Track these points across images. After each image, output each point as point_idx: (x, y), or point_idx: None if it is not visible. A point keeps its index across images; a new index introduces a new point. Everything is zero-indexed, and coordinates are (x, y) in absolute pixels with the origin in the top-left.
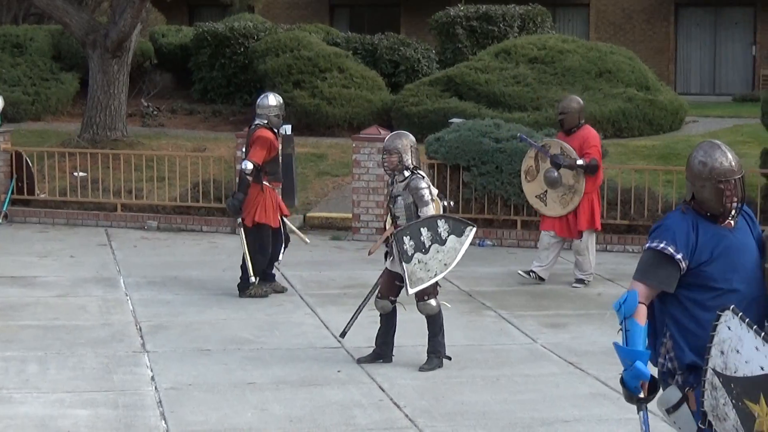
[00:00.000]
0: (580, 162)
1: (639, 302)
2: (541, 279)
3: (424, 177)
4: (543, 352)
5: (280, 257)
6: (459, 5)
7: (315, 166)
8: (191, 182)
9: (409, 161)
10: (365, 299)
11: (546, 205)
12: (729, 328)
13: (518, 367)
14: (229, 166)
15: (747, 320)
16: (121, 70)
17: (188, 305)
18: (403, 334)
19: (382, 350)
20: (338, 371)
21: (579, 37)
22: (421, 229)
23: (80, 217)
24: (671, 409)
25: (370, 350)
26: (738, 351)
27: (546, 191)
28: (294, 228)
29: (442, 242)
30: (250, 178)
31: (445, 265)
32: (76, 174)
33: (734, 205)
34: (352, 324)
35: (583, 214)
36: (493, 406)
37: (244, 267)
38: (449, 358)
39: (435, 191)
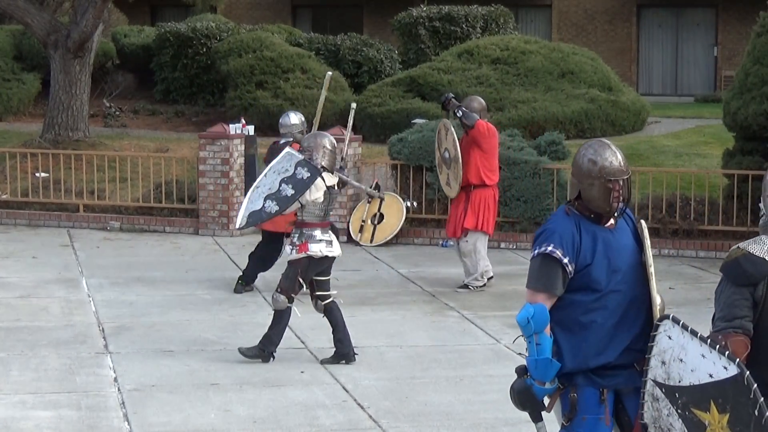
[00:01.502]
0: (460, 114)
1: None
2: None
3: (323, 179)
4: (506, 352)
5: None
6: (421, 6)
7: None
8: (154, 183)
9: (318, 160)
10: None
11: (452, 188)
12: (669, 338)
13: (482, 368)
14: (192, 167)
15: (690, 328)
16: (83, 71)
17: (151, 306)
18: (367, 335)
19: (339, 348)
20: (301, 372)
21: (541, 38)
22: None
23: (42, 218)
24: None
25: (334, 351)
26: (682, 360)
27: (448, 175)
28: None
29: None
30: None
31: (257, 187)
32: (37, 174)
33: (620, 205)
34: None
35: (471, 212)
36: (456, 407)
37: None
38: (273, 357)
39: (315, 196)
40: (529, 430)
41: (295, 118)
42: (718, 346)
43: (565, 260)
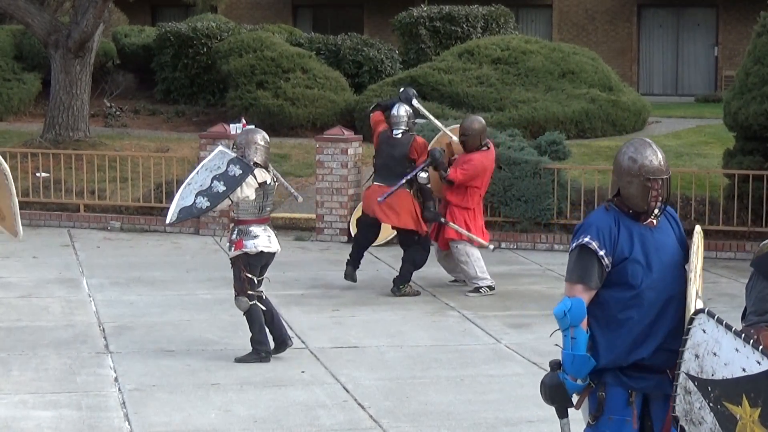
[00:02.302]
0: (445, 174)
1: None
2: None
3: (255, 176)
4: (507, 352)
5: None
6: (422, 6)
7: (278, 166)
8: (154, 183)
9: (251, 157)
10: None
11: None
12: (704, 331)
13: (482, 368)
14: (192, 167)
15: (724, 322)
16: (84, 71)
17: (152, 306)
18: (367, 335)
19: (279, 340)
20: (302, 372)
21: (542, 38)
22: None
23: (43, 218)
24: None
25: (335, 350)
26: (716, 354)
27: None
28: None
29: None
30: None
31: (189, 184)
32: (38, 174)
33: (658, 204)
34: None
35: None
36: (457, 407)
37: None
38: (270, 353)
39: (247, 193)
40: (529, 430)
41: (402, 110)
42: (751, 341)
43: (601, 252)
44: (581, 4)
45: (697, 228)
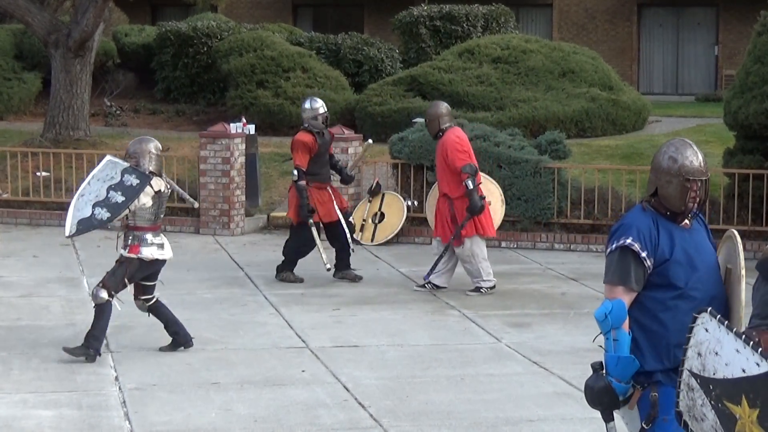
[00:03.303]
0: (469, 185)
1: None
2: (436, 287)
3: (152, 185)
4: (507, 351)
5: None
6: (422, 5)
7: (279, 165)
8: None
9: (146, 165)
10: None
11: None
12: (706, 330)
13: (482, 367)
14: (193, 166)
15: (726, 323)
16: (84, 70)
17: None
18: (367, 334)
19: (177, 339)
20: (302, 371)
21: (542, 37)
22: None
23: (43, 217)
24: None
25: (335, 350)
26: (717, 353)
27: None
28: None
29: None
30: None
31: (82, 195)
32: (38, 174)
33: (696, 205)
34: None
35: (460, 220)
36: (457, 406)
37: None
38: (99, 354)
39: (144, 201)
40: (529, 429)
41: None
42: (752, 343)
43: (643, 254)
44: (581, 3)
45: (733, 231)
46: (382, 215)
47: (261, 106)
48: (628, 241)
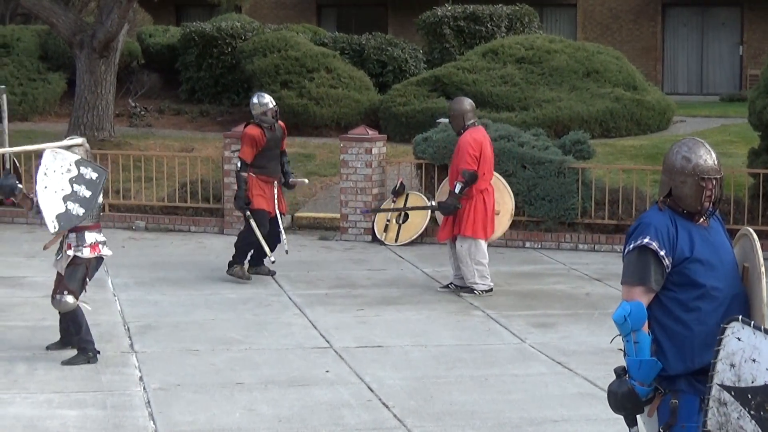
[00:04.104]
0: (456, 189)
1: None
2: (460, 288)
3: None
4: (531, 352)
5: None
6: (446, 5)
7: (303, 166)
8: (179, 182)
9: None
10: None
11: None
12: (739, 339)
13: (507, 367)
14: (217, 167)
15: (762, 327)
16: (108, 70)
17: (176, 305)
18: (392, 334)
19: (67, 338)
20: (327, 371)
21: (566, 37)
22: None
23: None
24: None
25: (359, 350)
26: (755, 360)
27: None
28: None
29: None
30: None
31: (46, 188)
32: None
33: (711, 204)
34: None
35: (461, 218)
36: (481, 406)
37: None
38: (98, 352)
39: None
40: (554, 430)
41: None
42: None
43: (662, 252)
44: (605, 3)
45: (748, 229)
46: (406, 216)
47: (285, 107)
48: (646, 240)
